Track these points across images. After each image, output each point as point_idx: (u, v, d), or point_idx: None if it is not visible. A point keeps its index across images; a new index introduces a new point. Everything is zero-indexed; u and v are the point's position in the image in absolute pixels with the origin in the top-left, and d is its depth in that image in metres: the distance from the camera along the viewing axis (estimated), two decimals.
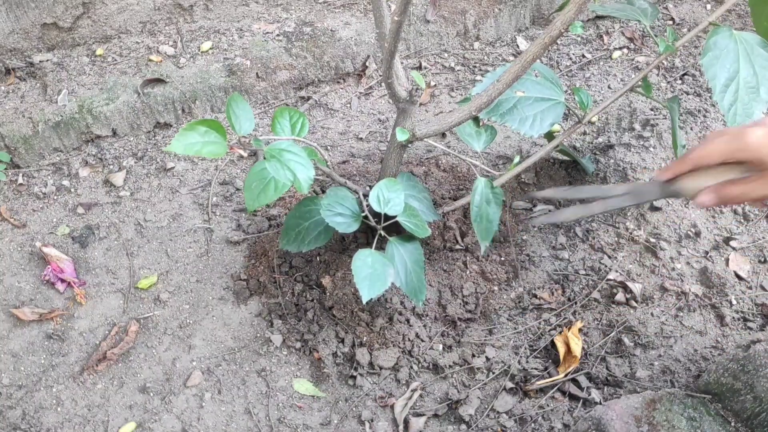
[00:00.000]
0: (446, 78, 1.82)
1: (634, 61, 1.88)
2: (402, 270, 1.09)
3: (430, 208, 1.24)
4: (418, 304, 1.17)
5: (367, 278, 0.99)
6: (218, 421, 1.14)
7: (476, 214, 1.13)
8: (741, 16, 2.00)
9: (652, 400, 1.04)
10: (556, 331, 1.27)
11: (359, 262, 1.00)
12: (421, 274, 1.12)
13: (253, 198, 0.93)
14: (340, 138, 1.64)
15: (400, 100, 1.07)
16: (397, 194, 1.06)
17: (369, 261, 1.01)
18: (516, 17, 1.93)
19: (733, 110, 1.13)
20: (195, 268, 1.36)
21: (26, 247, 1.38)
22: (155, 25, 1.75)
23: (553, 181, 1.53)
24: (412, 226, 1.08)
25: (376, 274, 1.00)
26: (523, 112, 1.23)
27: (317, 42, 1.74)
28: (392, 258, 1.08)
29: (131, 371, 1.20)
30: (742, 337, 1.26)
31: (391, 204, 1.06)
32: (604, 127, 1.66)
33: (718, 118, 1.63)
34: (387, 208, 1.05)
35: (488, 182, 1.15)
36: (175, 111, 1.62)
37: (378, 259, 1.01)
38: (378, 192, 1.06)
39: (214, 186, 1.51)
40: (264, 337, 1.25)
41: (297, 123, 1.04)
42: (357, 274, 0.99)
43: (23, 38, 1.63)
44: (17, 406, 1.15)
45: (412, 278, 1.10)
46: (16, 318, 1.26)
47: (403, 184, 1.15)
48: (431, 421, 1.15)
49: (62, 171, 1.53)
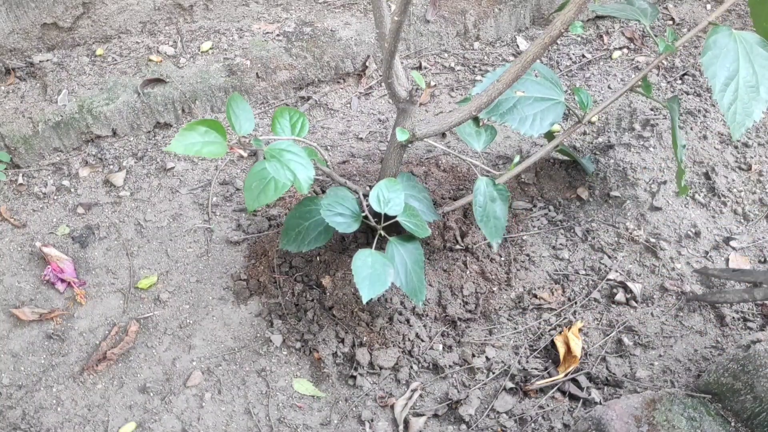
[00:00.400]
0: (446, 78, 1.82)
1: (634, 61, 1.88)
2: (402, 270, 1.09)
3: (430, 208, 1.24)
4: (418, 304, 1.17)
5: (367, 278, 0.99)
6: (218, 421, 1.14)
7: (481, 215, 1.13)
8: (741, 16, 2.00)
9: (652, 400, 1.04)
10: (556, 331, 1.27)
11: (359, 262, 1.00)
12: (421, 274, 1.12)
13: (253, 198, 0.93)
14: (340, 138, 1.64)
15: (400, 100, 1.07)
16: (397, 194, 1.06)
17: (369, 261, 1.01)
18: (516, 17, 1.93)
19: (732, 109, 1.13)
20: (195, 268, 1.36)
21: (26, 247, 1.38)
22: (155, 25, 1.75)
23: (553, 180, 1.54)
24: (412, 226, 1.08)
25: (376, 274, 1.00)
26: (523, 111, 1.23)
27: (317, 42, 1.74)
28: (392, 258, 1.08)
29: (131, 371, 1.20)
30: (742, 337, 1.26)
31: (391, 204, 1.06)
32: (604, 127, 1.66)
33: (718, 117, 1.63)
34: (387, 208, 1.05)
35: (490, 181, 1.15)
36: (175, 111, 1.62)
37: (378, 259, 1.01)
38: (378, 192, 1.06)
39: (214, 186, 1.51)
40: (264, 337, 1.25)
41: (297, 123, 1.04)
42: (357, 274, 0.99)
43: (23, 38, 1.63)
44: (17, 406, 1.15)
45: (412, 278, 1.10)
46: (16, 318, 1.26)
47: (403, 184, 1.15)
48: (431, 421, 1.15)
49: (62, 171, 1.53)
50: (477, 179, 1.14)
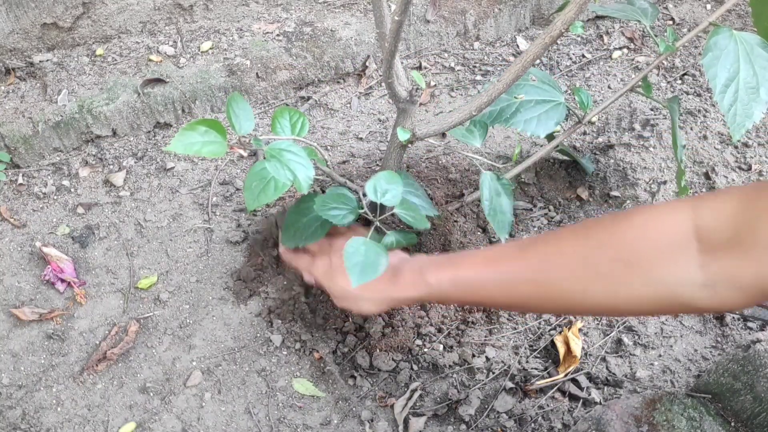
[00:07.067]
0: (446, 78, 1.82)
1: (634, 61, 1.88)
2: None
3: (428, 205, 1.23)
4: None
5: (359, 265, 0.96)
6: (218, 421, 1.14)
7: (489, 209, 1.12)
8: (741, 16, 2.01)
9: (652, 400, 1.04)
10: (556, 331, 1.27)
11: (351, 249, 0.97)
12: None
13: (254, 198, 0.92)
14: (340, 138, 1.64)
15: (400, 100, 1.07)
16: (395, 186, 1.05)
17: (362, 249, 0.97)
18: (516, 17, 1.93)
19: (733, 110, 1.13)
20: (195, 268, 1.36)
21: (26, 247, 1.38)
22: (155, 25, 1.75)
23: (553, 180, 1.54)
24: (409, 218, 1.07)
25: (368, 262, 0.96)
26: (526, 114, 1.24)
27: (317, 42, 1.74)
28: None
29: (131, 371, 1.20)
30: (742, 337, 1.26)
31: (388, 195, 1.04)
32: (604, 127, 1.66)
33: (718, 117, 1.63)
34: (384, 198, 1.04)
35: (494, 175, 1.14)
36: (175, 111, 1.62)
37: (372, 248, 0.98)
38: (375, 183, 1.04)
39: (214, 186, 1.51)
40: (264, 337, 1.25)
41: (297, 123, 1.04)
42: (348, 260, 0.95)
43: (23, 38, 1.63)
44: (17, 406, 1.15)
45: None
46: (16, 318, 1.26)
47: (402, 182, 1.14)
48: (431, 421, 1.15)
49: (62, 171, 1.53)
50: (482, 173, 1.13)
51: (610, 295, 0.78)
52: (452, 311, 1.27)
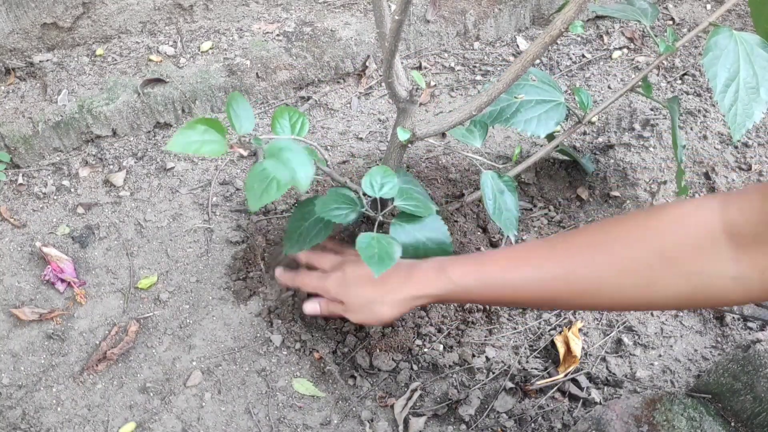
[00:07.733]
0: (446, 78, 1.82)
1: (634, 61, 1.88)
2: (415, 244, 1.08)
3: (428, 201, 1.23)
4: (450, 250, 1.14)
5: (375, 255, 0.96)
6: (218, 421, 1.14)
7: (494, 208, 1.12)
8: (741, 16, 2.01)
9: (652, 400, 1.04)
10: (556, 331, 1.27)
11: (364, 244, 0.97)
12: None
13: (256, 198, 0.92)
14: (340, 138, 1.64)
15: (401, 100, 1.07)
16: (391, 179, 1.05)
17: (374, 242, 0.98)
18: (516, 17, 1.93)
19: (733, 110, 1.13)
20: (195, 268, 1.36)
21: (26, 247, 1.38)
22: (155, 25, 1.75)
23: (553, 180, 1.54)
24: (411, 208, 1.07)
25: (382, 252, 0.97)
26: (526, 114, 1.24)
27: (317, 42, 1.74)
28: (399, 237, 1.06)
29: (131, 371, 1.20)
30: (742, 337, 1.26)
31: (386, 188, 1.04)
32: (604, 127, 1.66)
33: (718, 117, 1.63)
34: (381, 192, 1.04)
35: (495, 174, 1.14)
36: (175, 111, 1.62)
37: (382, 239, 0.98)
38: (370, 178, 1.04)
39: (214, 186, 1.51)
40: (264, 337, 1.25)
41: (297, 123, 1.04)
42: (363, 253, 0.96)
43: (23, 38, 1.63)
44: (17, 406, 1.15)
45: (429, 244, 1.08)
46: (16, 318, 1.26)
47: (400, 179, 1.14)
48: (431, 421, 1.15)
49: (62, 171, 1.53)
50: (482, 173, 1.13)
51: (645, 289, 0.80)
52: (452, 311, 1.28)
